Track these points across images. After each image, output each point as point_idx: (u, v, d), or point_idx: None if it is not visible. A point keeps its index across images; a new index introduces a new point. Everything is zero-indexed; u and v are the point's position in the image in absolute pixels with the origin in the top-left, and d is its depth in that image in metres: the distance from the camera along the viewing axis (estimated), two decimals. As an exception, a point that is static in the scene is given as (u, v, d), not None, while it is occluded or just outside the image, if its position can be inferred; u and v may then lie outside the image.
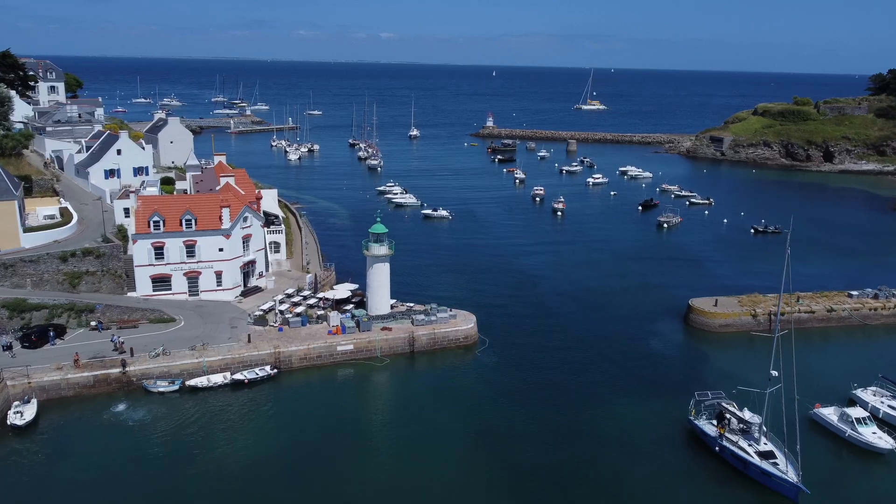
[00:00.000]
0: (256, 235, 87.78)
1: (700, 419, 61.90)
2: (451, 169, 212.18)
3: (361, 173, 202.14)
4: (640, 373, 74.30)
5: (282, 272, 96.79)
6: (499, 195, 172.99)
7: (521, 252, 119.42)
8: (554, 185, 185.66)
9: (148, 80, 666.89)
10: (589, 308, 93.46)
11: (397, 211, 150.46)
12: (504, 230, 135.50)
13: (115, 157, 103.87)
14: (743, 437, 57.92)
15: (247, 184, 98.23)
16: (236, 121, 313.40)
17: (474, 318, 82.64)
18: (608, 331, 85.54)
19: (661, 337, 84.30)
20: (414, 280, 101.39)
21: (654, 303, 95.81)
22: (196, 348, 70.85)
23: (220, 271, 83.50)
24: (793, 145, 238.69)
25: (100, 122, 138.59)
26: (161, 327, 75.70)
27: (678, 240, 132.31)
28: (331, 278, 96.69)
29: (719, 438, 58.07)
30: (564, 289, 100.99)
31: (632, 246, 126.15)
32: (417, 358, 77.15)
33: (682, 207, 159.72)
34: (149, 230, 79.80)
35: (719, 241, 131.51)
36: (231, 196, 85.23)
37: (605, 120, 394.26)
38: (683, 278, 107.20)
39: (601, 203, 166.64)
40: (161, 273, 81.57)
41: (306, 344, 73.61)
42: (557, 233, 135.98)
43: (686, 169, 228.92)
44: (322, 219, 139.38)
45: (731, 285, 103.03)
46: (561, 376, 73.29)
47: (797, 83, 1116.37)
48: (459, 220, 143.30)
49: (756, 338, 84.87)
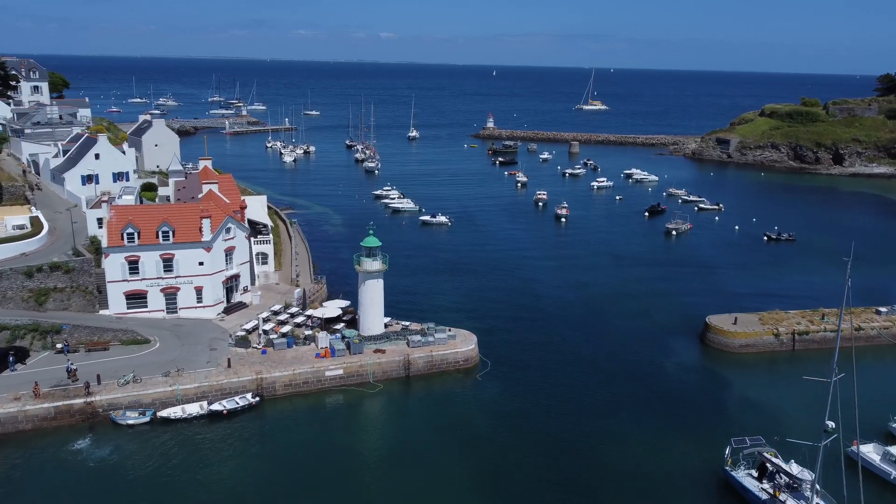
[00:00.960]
0: (240, 247, 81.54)
1: (738, 470, 54.28)
2: (450, 171, 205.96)
3: (358, 176, 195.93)
4: (657, 404, 67.88)
5: (269, 285, 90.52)
6: (500, 200, 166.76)
7: (523, 263, 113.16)
8: (557, 188, 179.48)
9: (146, 80, 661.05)
10: (597, 325, 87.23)
11: (394, 217, 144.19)
12: (506, 238, 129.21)
13: (92, 162, 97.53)
14: (792, 496, 50.86)
15: (232, 191, 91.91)
16: (231, 121, 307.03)
17: (475, 338, 76.40)
18: (619, 351, 79.28)
19: (677, 359, 78.01)
20: (410, 294, 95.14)
21: (666, 319, 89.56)
22: (170, 374, 64.61)
23: (201, 287, 77.27)
24: (801, 147, 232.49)
25: (83, 124, 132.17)
26: (134, 350, 69.42)
27: (688, 248, 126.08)
28: (321, 292, 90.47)
29: (767, 499, 50.59)
30: (570, 303, 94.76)
31: (640, 255, 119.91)
32: (413, 383, 70.94)
33: (691, 213, 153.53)
34: (122, 243, 73.56)
35: (732, 250, 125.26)
36: (213, 205, 78.96)
37: (606, 120, 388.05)
38: (696, 291, 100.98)
39: (606, 208, 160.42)
40: (136, 289, 75.32)
41: (291, 369, 67.36)
42: (561, 241, 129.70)
43: (692, 172, 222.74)
44: (315, 226, 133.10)
45: (747, 299, 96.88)
46: (570, 405, 67.03)
47: (798, 83, 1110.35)
48: (459, 226, 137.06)
49: (779, 359, 79.01)
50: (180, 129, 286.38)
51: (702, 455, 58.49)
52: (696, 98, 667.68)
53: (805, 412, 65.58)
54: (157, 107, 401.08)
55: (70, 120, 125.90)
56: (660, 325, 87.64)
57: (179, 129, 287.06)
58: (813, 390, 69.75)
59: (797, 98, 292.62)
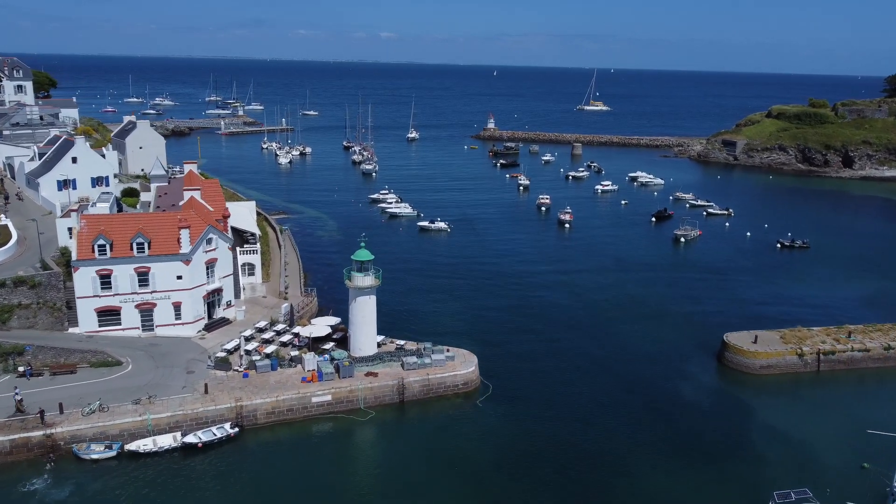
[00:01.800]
0: (223, 259, 75.81)
1: None
2: (450, 174, 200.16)
3: (355, 179, 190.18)
4: (676, 437, 61.90)
5: (255, 299, 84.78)
6: (501, 204, 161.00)
7: (526, 273, 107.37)
8: (560, 192, 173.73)
9: (145, 80, 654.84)
10: (607, 343, 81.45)
11: (391, 223, 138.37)
12: (507, 246, 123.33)
13: (69, 166, 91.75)
14: None
15: (216, 197, 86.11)
16: (227, 122, 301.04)
17: (475, 359, 70.65)
18: (631, 374, 73.50)
19: (694, 382, 72.22)
20: (405, 308, 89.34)
21: (680, 336, 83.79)
22: (141, 402, 58.86)
23: (179, 302, 71.54)
24: (810, 150, 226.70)
25: (66, 125, 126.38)
26: (103, 373, 63.67)
27: (698, 256, 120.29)
28: (311, 306, 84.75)
29: None
30: (577, 318, 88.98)
31: (648, 264, 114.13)
32: (408, 409, 65.21)
33: (699, 218, 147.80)
34: (93, 255, 67.83)
35: (744, 258, 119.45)
36: (193, 214, 73.23)
37: (608, 121, 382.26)
38: (710, 304, 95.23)
39: (611, 213, 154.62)
40: (108, 305, 69.58)
41: (275, 395, 61.62)
42: (565, 249, 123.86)
43: (698, 174, 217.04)
44: (308, 232, 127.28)
45: (765, 314, 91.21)
46: (578, 435, 61.30)
47: (799, 84, 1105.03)
48: (458, 232, 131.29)
49: (803, 382, 73.31)
50: (174, 130, 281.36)
51: (729, 500, 52.74)
52: (698, 98, 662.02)
53: (841, 448, 60.09)
54: (153, 106, 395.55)
55: (51, 121, 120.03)
56: (673, 342, 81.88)
57: (174, 129, 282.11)
58: (846, 420, 64.43)
59: (801, 98, 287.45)
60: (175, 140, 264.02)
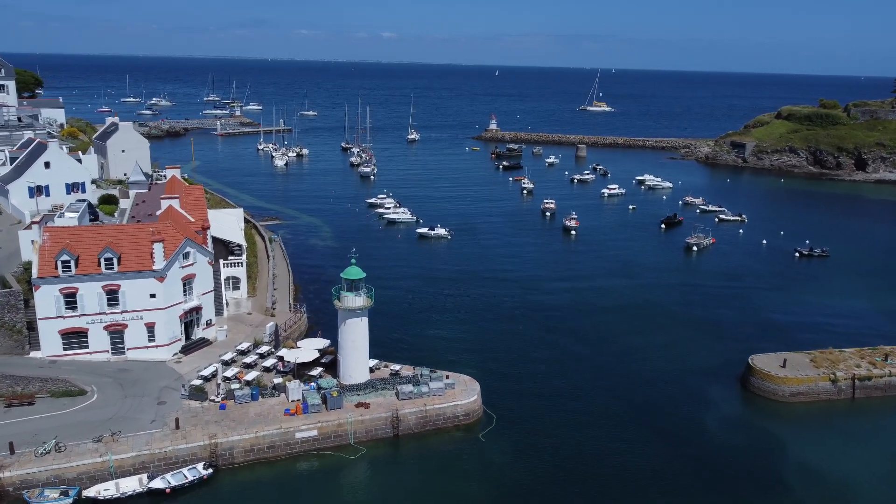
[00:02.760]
0: (202, 275, 69.48)
1: None
2: (451, 176, 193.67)
3: (353, 182, 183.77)
4: (695, 470, 55.75)
5: (240, 315, 78.45)
6: (504, 208, 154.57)
7: (532, 286, 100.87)
8: (565, 196, 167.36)
9: (143, 80, 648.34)
10: (619, 365, 75.04)
11: (388, 230, 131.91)
12: (511, 255, 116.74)
13: (41, 172, 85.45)
14: None
15: (198, 206, 79.82)
16: (223, 122, 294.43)
17: (477, 386, 64.26)
18: (648, 401, 67.08)
19: (716, 410, 65.81)
20: (401, 326, 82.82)
21: (699, 357, 77.36)
22: (103, 440, 52.53)
23: (153, 323, 65.23)
24: (821, 152, 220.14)
25: (48, 127, 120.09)
26: (65, 404, 57.36)
27: (712, 267, 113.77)
28: (301, 323, 78.42)
29: None
30: (587, 337, 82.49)
31: (660, 275, 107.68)
32: (403, 444, 58.84)
33: (710, 224, 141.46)
34: (57, 272, 61.55)
35: (762, 268, 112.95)
36: (168, 225, 66.92)
37: (612, 122, 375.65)
38: (728, 320, 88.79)
39: (618, 219, 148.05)
40: (74, 327, 63.29)
41: (254, 430, 55.26)
42: (572, 258, 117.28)
43: (706, 177, 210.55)
44: (301, 240, 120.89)
45: (788, 330, 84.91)
46: (591, 471, 54.91)
47: (802, 85, 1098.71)
48: (459, 240, 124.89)
49: (837, 411, 66.86)
50: (169, 130, 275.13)
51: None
52: (702, 99, 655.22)
53: (880, 484, 53.77)
54: (149, 107, 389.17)
55: (30, 122, 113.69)
56: (692, 364, 75.46)
57: (168, 130, 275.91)
58: (885, 454, 58.20)
59: (807, 99, 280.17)
60: (170, 141, 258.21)
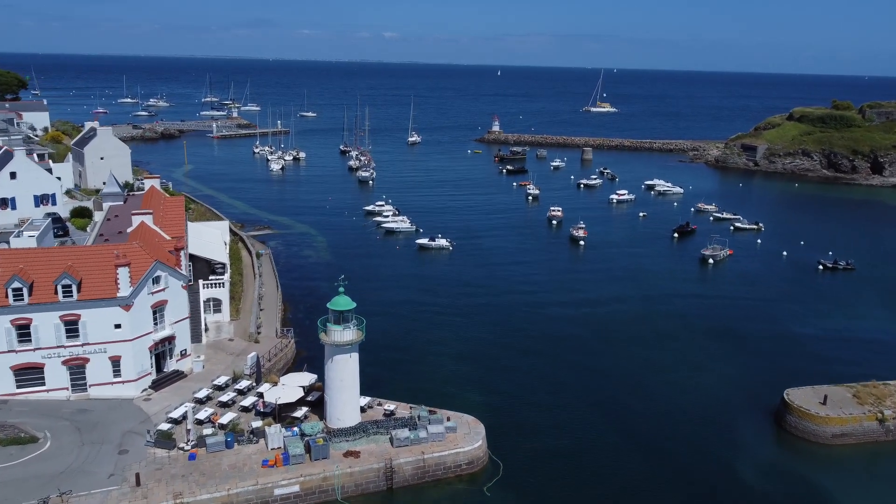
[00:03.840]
0: (176, 300, 62.48)
1: None
2: (452, 181, 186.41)
3: (351, 187, 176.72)
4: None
5: (220, 342, 71.44)
6: (509, 216, 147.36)
7: (539, 305, 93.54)
8: (571, 202, 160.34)
9: (143, 80, 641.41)
10: (637, 399, 67.82)
11: (387, 240, 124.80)
12: (517, 270, 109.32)
13: (6, 183, 78.58)
14: None
15: (176, 221, 72.86)
16: (219, 124, 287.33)
17: (482, 429, 57.14)
18: (670, 440, 59.89)
19: (750, 454, 58.56)
20: (397, 356, 75.44)
21: (724, 388, 70.19)
22: (49, 502, 45.53)
23: (118, 356, 58.26)
24: (836, 155, 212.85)
25: (26, 131, 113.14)
26: (12, 454, 50.35)
27: (732, 282, 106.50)
28: (287, 351, 71.42)
29: None
30: (601, 366, 75.24)
31: (675, 291, 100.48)
32: (398, 498, 51.76)
33: (725, 233, 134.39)
34: (7, 301, 54.61)
35: (785, 284, 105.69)
36: (136, 246, 59.93)
37: (617, 123, 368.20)
38: (755, 345, 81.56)
39: (629, 228, 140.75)
40: (28, 363, 56.35)
41: (226, 487, 48.23)
42: (581, 273, 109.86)
43: (717, 182, 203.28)
44: (294, 251, 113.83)
45: (823, 358, 77.75)
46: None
47: (807, 85, 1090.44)
48: (461, 251, 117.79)
49: (885, 455, 59.66)
50: (164, 133, 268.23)
51: None
52: (706, 99, 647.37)
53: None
54: (146, 108, 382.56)
55: (5, 127, 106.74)
56: (718, 397, 68.30)
57: (163, 132, 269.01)
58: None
59: (813, 99, 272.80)
60: (165, 143, 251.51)
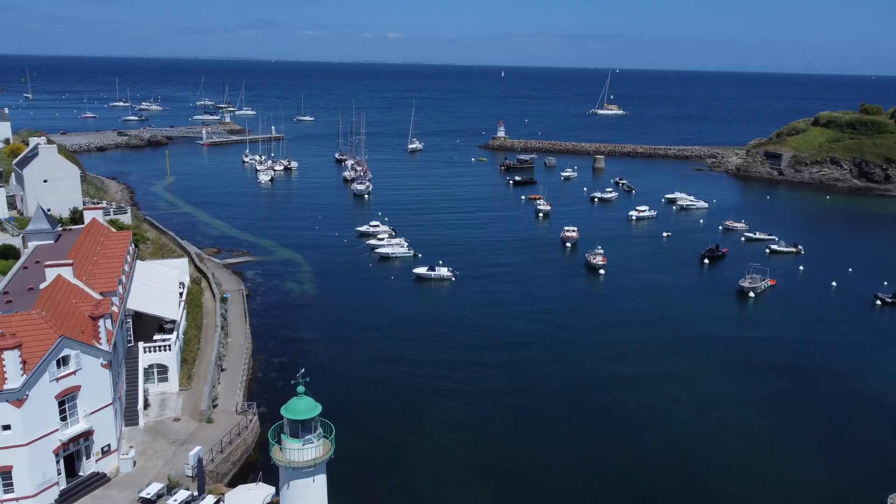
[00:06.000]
0: (94, 384, 48.02)
1: None
2: (455, 196, 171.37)
3: (344, 202, 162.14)
4: None
5: (162, 425, 56.86)
6: (517, 237, 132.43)
7: (557, 356, 78.65)
8: (586, 219, 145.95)
9: (141, 82, 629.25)
10: (691, 492, 53.30)
11: (381, 268, 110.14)
12: (528, 309, 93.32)
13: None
14: None
15: (113, 266, 58.50)
16: (210, 130, 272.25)
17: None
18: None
19: None
20: (383, 434, 60.66)
21: (794, 480, 55.50)
22: None
23: (8, 467, 43.89)
24: (867, 163, 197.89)
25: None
26: None
27: (780, 322, 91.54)
28: (249, 433, 56.93)
29: None
30: (640, 444, 60.49)
31: (718, 337, 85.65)
32: None
33: (760, 257, 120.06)
34: None
35: (844, 325, 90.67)
36: (37, 316, 45.51)
37: (627, 127, 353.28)
38: (828, 414, 66.82)
39: (652, 251, 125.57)
40: None
41: None
42: (603, 311, 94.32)
43: (741, 193, 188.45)
44: (273, 285, 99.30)
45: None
46: None
47: (814, 84, 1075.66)
48: (465, 282, 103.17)
49: None
50: (151, 140, 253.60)
51: None
52: (717, 101, 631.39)
53: None
54: (137, 112, 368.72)
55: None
56: (787, 493, 53.65)
57: (150, 139, 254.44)
58: None
59: (827, 100, 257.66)
60: (151, 151, 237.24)
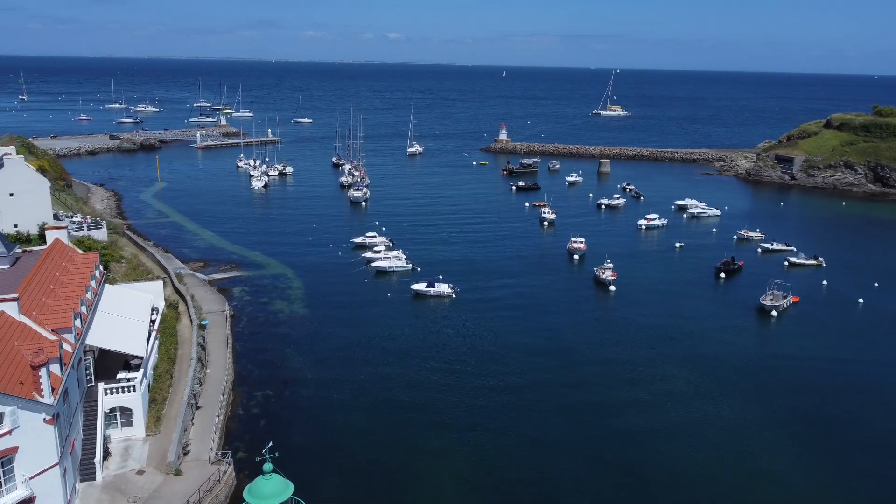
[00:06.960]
0: (34, 445, 41.44)
1: None
2: (456, 202, 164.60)
3: (341, 210, 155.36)
4: None
5: (124, 479, 50.19)
6: (522, 248, 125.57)
7: (568, 386, 71.79)
8: (593, 227, 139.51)
9: (142, 83, 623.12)
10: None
11: (377, 283, 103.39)
12: (536, 332, 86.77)
13: None
14: None
15: (70, 299, 51.96)
16: (204, 133, 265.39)
17: None
18: None
19: None
20: (372, 487, 54.16)
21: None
22: None
23: (-72, 548, 37.39)
24: (883, 168, 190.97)
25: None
26: None
27: (808, 345, 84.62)
28: (221, 489, 50.24)
29: None
30: (662, 478, 53.85)
31: (739, 363, 78.76)
32: None
33: (778, 269, 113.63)
34: None
35: (880, 347, 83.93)
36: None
37: (631, 128, 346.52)
38: (871, 451, 60.12)
39: (664, 263, 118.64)
40: None
41: None
42: (616, 332, 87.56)
43: (752, 199, 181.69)
44: (261, 304, 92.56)
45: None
46: None
47: (819, 84, 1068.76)
48: (466, 300, 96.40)
49: None
50: (143, 144, 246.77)
51: None
52: (722, 101, 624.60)
53: None
54: (132, 114, 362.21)
55: None
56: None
57: (143, 143, 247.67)
58: None
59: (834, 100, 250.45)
60: (144, 155, 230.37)
